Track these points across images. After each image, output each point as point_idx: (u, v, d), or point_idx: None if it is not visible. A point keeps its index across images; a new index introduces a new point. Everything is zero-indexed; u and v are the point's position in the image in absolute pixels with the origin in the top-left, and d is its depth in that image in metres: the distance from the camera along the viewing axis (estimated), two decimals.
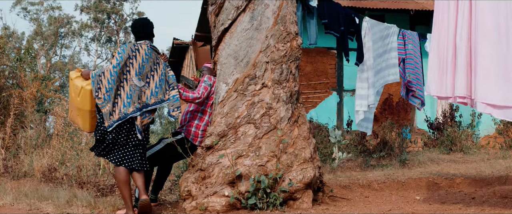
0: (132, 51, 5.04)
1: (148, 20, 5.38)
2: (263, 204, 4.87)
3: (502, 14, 4.43)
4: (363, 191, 6.49)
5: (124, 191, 4.98)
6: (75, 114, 5.22)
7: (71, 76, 5.19)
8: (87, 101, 5.05)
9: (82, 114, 5.13)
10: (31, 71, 11.60)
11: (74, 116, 5.26)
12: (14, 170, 8.03)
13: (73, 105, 5.20)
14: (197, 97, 5.39)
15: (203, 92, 5.42)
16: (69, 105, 5.30)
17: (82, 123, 5.19)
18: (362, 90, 7.95)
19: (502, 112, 4.44)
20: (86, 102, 5.06)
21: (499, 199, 5.52)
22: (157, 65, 5.21)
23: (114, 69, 4.93)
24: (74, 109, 5.19)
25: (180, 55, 21.30)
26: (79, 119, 5.18)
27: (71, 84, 5.16)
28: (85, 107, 5.08)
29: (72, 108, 5.24)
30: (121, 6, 40.62)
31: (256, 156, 5.04)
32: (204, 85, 5.47)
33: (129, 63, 5.01)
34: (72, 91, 5.15)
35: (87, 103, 5.05)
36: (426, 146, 11.07)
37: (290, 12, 5.53)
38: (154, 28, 5.37)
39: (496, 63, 4.43)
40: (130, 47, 5.06)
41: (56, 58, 40.42)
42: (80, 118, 5.17)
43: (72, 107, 5.24)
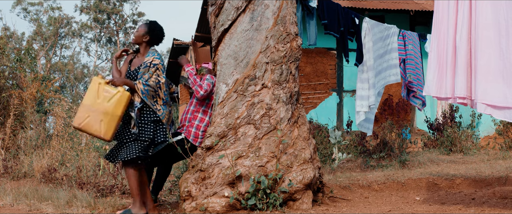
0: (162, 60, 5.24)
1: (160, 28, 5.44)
2: (263, 204, 4.87)
3: (502, 15, 4.43)
4: (363, 191, 6.49)
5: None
6: (96, 119, 4.92)
7: (99, 81, 5.03)
8: (121, 106, 4.96)
9: (110, 119, 4.92)
10: (31, 72, 11.61)
11: (94, 121, 4.92)
12: (14, 170, 8.04)
13: (95, 109, 4.94)
14: (201, 88, 5.39)
15: (207, 88, 5.43)
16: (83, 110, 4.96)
17: (106, 129, 4.91)
18: (362, 91, 7.95)
19: (502, 113, 4.44)
20: (119, 107, 4.95)
21: (499, 200, 5.52)
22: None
23: (165, 79, 5.16)
24: (98, 114, 4.92)
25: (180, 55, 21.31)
26: (103, 124, 4.91)
27: (99, 88, 4.98)
28: (117, 111, 4.94)
29: (90, 112, 4.93)
30: (121, 6, 40.64)
31: (256, 156, 5.04)
32: (208, 82, 5.47)
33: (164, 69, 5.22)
34: (99, 96, 4.97)
35: (120, 109, 4.96)
36: (426, 147, 11.07)
37: (290, 12, 5.53)
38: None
39: (496, 64, 4.43)
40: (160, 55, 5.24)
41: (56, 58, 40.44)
42: (105, 123, 4.91)
43: (91, 111, 4.94)
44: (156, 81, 5.04)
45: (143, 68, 5.09)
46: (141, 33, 5.26)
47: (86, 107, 4.97)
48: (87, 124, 4.94)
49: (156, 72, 5.09)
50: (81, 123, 4.95)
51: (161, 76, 5.09)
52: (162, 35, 5.34)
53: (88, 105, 4.97)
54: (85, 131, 4.99)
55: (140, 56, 5.30)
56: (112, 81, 5.04)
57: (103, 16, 40.06)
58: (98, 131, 4.92)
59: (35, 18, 39.65)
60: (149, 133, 5.05)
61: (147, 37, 5.26)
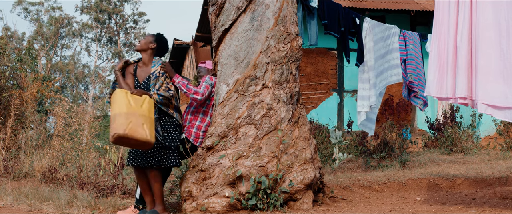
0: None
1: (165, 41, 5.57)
2: (264, 204, 4.87)
3: (502, 15, 4.43)
4: (363, 191, 6.49)
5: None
6: (138, 123, 4.83)
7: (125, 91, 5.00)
8: (153, 110, 5.03)
9: (150, 123, 4.92)
10: (32, 72, 11.62)
11: (136, 126, 4.82)
12: (15, 170, 8.04)
13: (134, 113, 4.86)
14: (197, 93, 5.29)
15: (204, 92, 5.35)
16: (122, 117, 4.82)
17: (150, 131, 4.88)
18: (363, 91, 7.95)
19: (502, 113, 4.44)
20: (152, 110, 5.01)
21: (499, 200, 5.52)
22: None
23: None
24: (138, 118, 4.86)
25: (181, 56, 21.32)
26: (146, 127, 4.87)
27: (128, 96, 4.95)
28: (152, 115, 4.98)
29: (131, 118, 4.83)
30: (121, 6, 40.63)
31: (257, 156, 5.04)
32: (206, 84, 5.43)
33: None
34: (132, 102, 4.92)
35: (153, 112, 5.02)
36: (427, 147, 11.07)
37: (290, 12, 5.53)
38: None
39: (496, 64, 4.43)
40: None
41: (56, 58, 40.44)
42: (148, 126, 4.88)
43: (131, 116, 4.84)
44: (166, 89, 5.14)
45: (153, 79, 5.16)
46: (149, 41, 5.32)
47: (123, 114, 4.82)
48: (132, 129, 4.76)
49: (166, 81, 5.17)
50: (126, 129, 4.74)
51: (171, 84, 5.20)
52: (166, 47, 5.44)
53: (125, 113, 4.83)
54: (131, 136, 4.77)
55: (144, 66, 5.31)
56: (135, 93, 5.02)
57: (103, 16, 40.05)
58: (144, 134, 4.81)
59: (35, 18, 39.65)
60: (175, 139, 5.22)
61: (154, 45, 5.31)
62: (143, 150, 5.01)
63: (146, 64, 5.29)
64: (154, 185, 5.13)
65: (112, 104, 4.94)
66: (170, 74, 5.24)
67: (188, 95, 5.29)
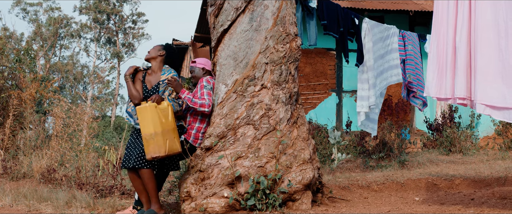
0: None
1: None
2: (262, 205, 4.87)
3: (501, 16, 4.43)
4: (362, 192, 6.49)
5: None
6: (172, 138, 5.01)
7: (154, 105, 5.01)
8: (174, 117, 5.15)
9: (176, 132, 5.09)
10: (30, 72, 11.60)
11: (172, 142, 5.00)
12: (13, 171, 8.03)
13: (167, 131, 4.99)
14: (204, 105, 5.21)
15: (209, 101, 5.25)
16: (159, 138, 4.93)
17: (179, 142, 5.09)
18: (363, 92, 7.96)
19: (501, 113, 4.44)
20: (174, 118, 5.14)
21: (498, 200, 5.52)
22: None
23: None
24: (170, 133, 5.00)
25: (180, 56, 21.31)
26: (177, 140, 5.06)
27: (158, 111, 5.01)
28: (175, 123, 5.13)
29: (166, 136, 4.98)
30: (120, 7, 40.62)
31: (255, 157, 5.04)
32: (207, 91, 5.31)
33: None
34: (162, 118, 5.00)
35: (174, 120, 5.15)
36: (425, 147, 11.08)
37: (289, 13, 5.53)
38: None
39: (495, 65, 4.43)
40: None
41: (55, 59, 40.42)
42: (177, 137, 5.09)
43: (165, 135, 4.98)
44: (176, 98, 5.27)
45: (163, 86, 5.24)
46: (158, 49, 5.42)
47: (160, 134, 4.95)
48: (170, 148, 5.00)
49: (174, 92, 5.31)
50: (166, 149, 4.96)
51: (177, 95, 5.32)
52: (174, 55, 5.50)
53: (161, 132, 4.95)
54: (169, 154, 5.03)
55: (154, 74, 5.37)
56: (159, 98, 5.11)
57: (102, 16, 40.04)
58: (177, 147, 5.09)
59: (34, 18, 39.63)
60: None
61: (163, 52, 5.40)
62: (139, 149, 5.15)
63: (155, 72, 5.36)
64: (147, 184, 5.13)
65: (144, 121, 4.99)
66: (177, 89, 5.23)
67: (196, 109, 5.25)
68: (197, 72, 5.61)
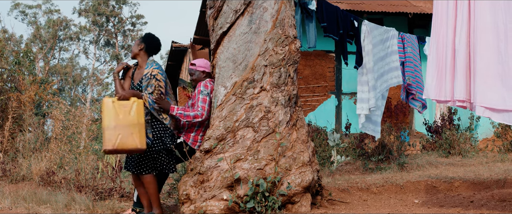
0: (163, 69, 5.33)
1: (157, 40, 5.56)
2: (262, 207, 4.86)
3: (500, 18, 4.43)
4: (361, 194, 6.49)
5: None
6: (127, 134, 4.97)
7: (112, 100, 5.09)
8: (142, 113, 5.09)
9: (140, 129, 5.01)
10: (30, 75, 11.60)
11: (126, 138, 4.96)
12: (12, 173, 8.02)
13: (122, 126, 4.98)
14: (197, 116, 5.25)
15: (203, 107, 5.28)
16: (111, 132, 4.97)
17: (140, 139, 4.99)
18: (362, 94, 7.95)
19: (501, 116, 4.44)
20: (142, 114, 5.07)
21: (497, 203, 5.52)
22: None
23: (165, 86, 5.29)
24: (127, 128, 4.97)
25: (179, 58, 21.31)
26: (136, 136, 4.98)
27: (115, 106, 5.03)
28: (141, 119, 5.06)
29: (119, 130, 4.97)
30: (120, 9, 40.61)
31: (255, 159, 5.04)
32: (202, 96, 5.34)
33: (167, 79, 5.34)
34: (120, 113, 5.01)
35: (143, 116, 5.08)
36: (425, 149, 11.08)
37: (288, 15, 5.53)
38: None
39: (494, 67, 4.43)
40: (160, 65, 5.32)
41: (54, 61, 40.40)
42: (137, 134, 5.00)
43: (119, 129, 4.97)
44: (158, 93, 5.20)
45: (145, 80, 5.21)
46: (137, 43, 5.44)
47: (112, 128, 4.97)
48: (121, 142, 4.95)
49: (159, 84, 5.20)
50: (115, 143, 4.94)
51: (163, 87, 5.22)
52: (156, 43, 5.45)
53: (113, 126, 4.97)
54: (121, 149, 5.00)
55: (139, 69, 5.41)
56: (122, 96, 5.10)
57: (101, 18, 40.03)
58: (134, 144, 4.98)
59: (33, 20, 39.61)
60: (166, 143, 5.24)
61: (142, 45, 5.38)
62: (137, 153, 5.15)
63: (141, 67, 5.39)
64: (148, 189, 5.21)
65: (103, 114, 5.06)
66: (165, 107, 5.22)
67: (191, 121, 5.27)
68: (197, 76, 5.60)
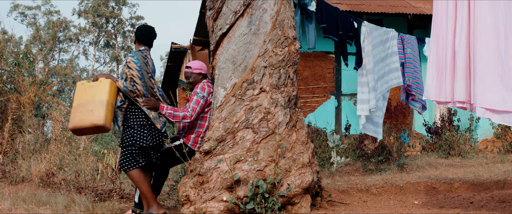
0: (144, 59, 5.25)
1: (153, 29, 5.54)
2: (262, 209, 4.86)
3: (500, 20, 4.43)
4: (361, 195, 6.49)
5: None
6: (86, 111, 5.00)
7: (82, 82, 5.21)
8: (105, 91, 5.08)
9: (98, 105, 5.00)
10: (29, 76, 11.59)
11: (85, 115, 4.99)
12: (12, 175, 8.02)
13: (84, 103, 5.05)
14: (186, 117, 5.25)
15: (194, 109, 5.28)
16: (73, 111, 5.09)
17: (98, 114, 4.96)
18: (363, 95, 7.96)
19: (501, 117, 4.44)
20: (104, 92, 5.07)
21: (497, 204, 5.52)
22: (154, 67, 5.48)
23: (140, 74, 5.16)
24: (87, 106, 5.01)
25: (178, 59, 21.29)
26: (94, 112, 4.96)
27: (83, 87, 5.15)
28: (102, 96, 5.04)
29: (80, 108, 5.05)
30: (119, 10, 40.64)
31: (254, 160, 5.03)
32: (196, 98, 5.34)
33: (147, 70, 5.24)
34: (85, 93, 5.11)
35: (105, 93, 5.06)
36: (424, 150, 11.08)
37: (288, 16, 5.53)
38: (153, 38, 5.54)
39: (495, 68, 4.43)
40: (141, 56, 5.25)
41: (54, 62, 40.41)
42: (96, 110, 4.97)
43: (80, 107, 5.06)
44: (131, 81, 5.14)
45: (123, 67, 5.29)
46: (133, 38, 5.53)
47: (74, 108, 5.12)
48: (80, 120, 5.02)
49: (130, 73, 5.15)
50: (75, 121, 5.03)
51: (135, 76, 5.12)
52: (144, 32, 5.42)
53: (76, 106, 5.10)
54: (81, 127, 5.03)
55: None
56: (95, 78, 5.22)
57: (101, 20, 40.05)
58: (91, 119, 4.99)
59: (32, 21, 39.62)
60: (132, 138, 5.19)
61: (134, 38, 5.50)
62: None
63: None
64: (138, 186, 5.22)
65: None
66: (155, 106, 5.23)
67: (179, 121, 5.28)
68: (194, 78, 5.60)
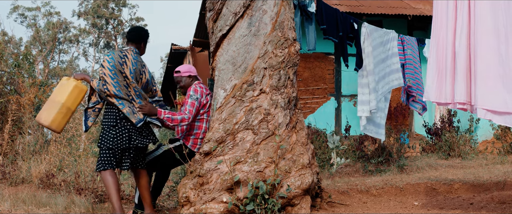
0: (121, 58, 5.16)
1: (141, 28, 5.54)
2: (262, 210, 4.86)
3: (501, 22, 4.43)
4: (361, 196, 6.49)
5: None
6: (44, 108, 5.17)
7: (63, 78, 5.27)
8: (61, 93, 5.15)
9: (51, 106, 5.12)
10: (29, 77, 11.60)
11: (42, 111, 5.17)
12: (12, 176, 8.01)
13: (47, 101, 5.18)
14: (184, 120, 5.25)
15: (190, 111, 5.28)
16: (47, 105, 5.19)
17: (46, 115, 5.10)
18: (363, 96, 7.96)
19: (502, 118, 4.44)
20: (59, 93, 5.15)
21: (497, 205, 5.52)
22: (144, 67, 5.38)
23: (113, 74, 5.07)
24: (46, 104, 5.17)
25: (178, 61, 21.32)
26: (47, 113, 5.11)
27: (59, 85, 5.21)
28: (57, 97, 5.13)
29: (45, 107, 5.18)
30: (119, 12, 40.65)
31: (254, 162, 5.03)
32: (191, 101, 5.34)
33: (123, 69, 5.12)
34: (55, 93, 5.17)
35: (60, 95, 5.14)
36: (424, 151, 11.08)
37: (288, 18, 5.54)
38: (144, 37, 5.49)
39: (496, 69, 4.43)
40: (118, 55, 5.18)
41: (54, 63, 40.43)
42: (51, 111, 5.11)
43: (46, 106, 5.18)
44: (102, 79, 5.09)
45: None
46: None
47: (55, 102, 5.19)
48: (38, 116, 5.17)
49: (103, 71, 5.11)
50: (37, 116, 5.18)
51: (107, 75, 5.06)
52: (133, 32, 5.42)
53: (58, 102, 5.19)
54: (39, 123, 5.24)
55: None
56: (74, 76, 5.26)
57: (101, 21, 40.06)
58: (40, 118, 5.15)
59: (32, 23, 39.63)
60: (100, 139, 5.16)
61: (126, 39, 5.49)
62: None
63: None
64: (106, 189, 5.17)
65: None
66: (152, 112, 5.22)
67: (177, 125, 5.26)
68: (184, 82, 5.61)
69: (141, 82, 5.29)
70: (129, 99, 5.11)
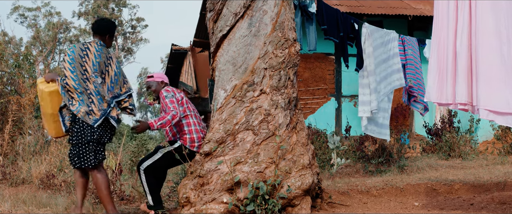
0: (82, 51, 5.07)
1: (107, 20, 5.46)
2: (262, 210, 4.86)
3: (502, 20, 4.42)
4: (361, 197, 6.49)
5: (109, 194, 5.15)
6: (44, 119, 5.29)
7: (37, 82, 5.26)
8: (43, 102, 5.14)
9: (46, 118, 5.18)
10: (30, 78, 11.60)
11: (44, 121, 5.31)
12: (12, 176, 8.02)
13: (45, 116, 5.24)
14: (174, 115, 5.27)
15: (174, 107, 5.30)
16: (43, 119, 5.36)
17: (49, 127, 5.21)
18: (364, 97, 7.95)
19: (504, 119, 4.43)
20: (41, 102, 5.16)
21: (497, 205, 5.52)
22: (110, 59, 5.26)
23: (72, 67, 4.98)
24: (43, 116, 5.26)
25: (179, 61, 21.32)
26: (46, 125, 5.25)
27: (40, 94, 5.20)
28: (43, 109, 5.16)
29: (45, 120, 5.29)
30: (119, 12, 40.66)
31: (255, 162, 5.03)
32: (168, 99, 5.36)
33: (83, 62, 5.03)
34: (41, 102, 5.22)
35: (43, 104, 5.14)
36: (425, 152, 11.07)
37: (288, 18, 5.53)
38: (110, 29, 5.36)
39: (498, 70, 4.42)
40: (79, 47, 5.10)
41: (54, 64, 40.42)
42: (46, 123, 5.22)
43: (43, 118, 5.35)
44: (63, 77, 5.01)
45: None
46: None
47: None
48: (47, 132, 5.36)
49: (64, 65, 5.05)
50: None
51: (67, 69, 4.98)
52: (96, 23, 5.34)
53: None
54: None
55: None
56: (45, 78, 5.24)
57: None
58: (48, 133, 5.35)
59: (33, 23, 39.64)
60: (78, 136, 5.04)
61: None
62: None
63: None
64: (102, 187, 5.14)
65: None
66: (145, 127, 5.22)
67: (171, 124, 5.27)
68: (155, 87, 5.70)
69: (108, 75, 5.18)
70: (87, 94, 4.98)
